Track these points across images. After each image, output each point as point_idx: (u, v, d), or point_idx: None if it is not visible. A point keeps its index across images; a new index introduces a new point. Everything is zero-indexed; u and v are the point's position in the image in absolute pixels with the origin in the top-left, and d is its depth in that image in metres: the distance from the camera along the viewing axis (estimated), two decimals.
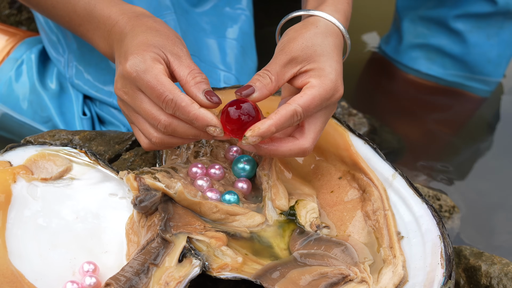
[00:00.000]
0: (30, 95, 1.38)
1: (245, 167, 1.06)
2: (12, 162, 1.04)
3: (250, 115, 0.94)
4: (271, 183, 1.04)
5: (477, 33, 1.60)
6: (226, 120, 0.94)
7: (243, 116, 0.94)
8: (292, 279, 0.93)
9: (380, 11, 1.96)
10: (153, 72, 0.95)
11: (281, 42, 1.00)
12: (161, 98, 0.94)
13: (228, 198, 1.02)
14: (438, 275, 0.93)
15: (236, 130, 0.94)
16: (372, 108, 1.70)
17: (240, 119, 0.93)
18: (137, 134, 1.02)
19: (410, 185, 1.02)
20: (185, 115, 0.94)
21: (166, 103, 0.94)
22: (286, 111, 0.93)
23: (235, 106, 0.94)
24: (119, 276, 0.91)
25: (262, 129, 0.92)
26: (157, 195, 0.98)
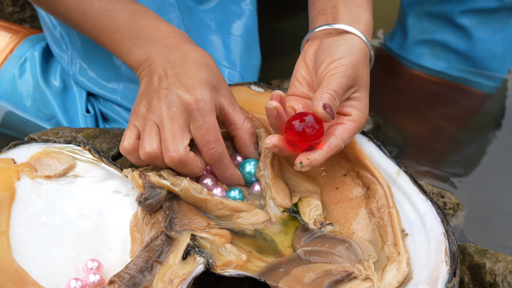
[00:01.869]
0: (34, 92, 1.38)
1: (251, 171, 1.06)
2: (16, 159, 1.04)
3: (314, 127, 0.96)
4: (269, 182, 1.04)
5: (482, 28, 1.59)
6: (291, 133, 0.97)
7: (308, 129, 0.96)
8: (296, 276, 0.93)
9: (385, 7, 1.95)
10: (213, 117, 1.00)
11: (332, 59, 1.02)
12: (208, 145, 1.00)
13: (233, 195, 1.03)
14: (443, 272, 0.93)
15: (300, 143, 0.97)
16: (377, 105, 1.69)
17: (305, 132, 0.96)
18: (128, 132, 1.03)
19: (414, 183, 1.02)
20: (222, 170, 1.03)
21: (211, 152, 1.00)
22: (335, 145, 0.98)
23: (299, 119, 0.97)
24: (123, 274, 0.91)
25: (319, 160, 0.96)
26: (163, 193, 0.98)
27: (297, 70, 1.09)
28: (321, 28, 1.08)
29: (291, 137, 0.97)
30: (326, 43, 1.06)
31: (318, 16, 1.11)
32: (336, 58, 1.02)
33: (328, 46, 1.05)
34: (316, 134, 0.96)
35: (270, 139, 0.98)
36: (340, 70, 1.01)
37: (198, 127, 1.00)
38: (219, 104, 1.02)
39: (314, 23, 1.12)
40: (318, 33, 1.09)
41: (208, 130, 1.00)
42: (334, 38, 1.06)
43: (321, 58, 1.04)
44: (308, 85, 1.07)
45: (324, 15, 1.11)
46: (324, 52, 1.04)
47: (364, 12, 1.10)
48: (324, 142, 0.98)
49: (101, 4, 1.11)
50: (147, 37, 1.07)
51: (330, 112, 0.96)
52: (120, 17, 1.10)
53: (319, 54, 1.05)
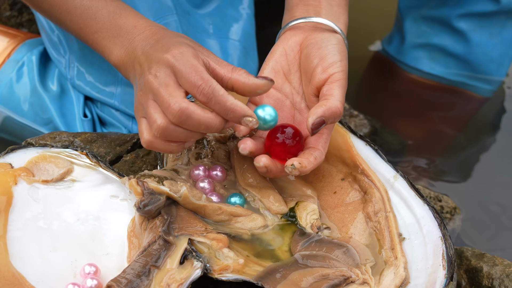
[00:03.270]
0: (31, 97, 1.38)
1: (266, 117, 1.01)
2: (13, 164, 1.04)
3: (294, 139, 0.99)
4: (257, 197, 1.04)
5: (479, 32, 1.60)
6: (271, 144, 1.00)
7: (287, 140, 0.99)
8: (293, 280, 0.93)
9: (382, 11, 1.95)
10: (194, 61, 0.96)
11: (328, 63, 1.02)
12: (197, 84, 0.95)
13: (234, 201, 1.03)
14: (440, 276, 0.93)
15: (281, 153, 1.00)
16: (374, 109, 1.69)
17: (285, 143, 0.99)
18: (141, 126, 1.01)
19: (411, 187, 1.02)
20: (221, 104, 0.95)
21: (202, 89, 0.95)
22: (320, 158, 1.00)
23: (280, 131, 0.99)
24: (120, 278, 0.91)
25: (308, 168, 0.97)
26: (162, 199, 0.97)
27: (275, 57, 1.07)
28: (310, 20, 1.07)
29: (272, 147, 1.00)
30: (315, 40, 1.05)
31: (298, 5, 1.10)
32: (332, 61, 1.02)
33: (319, 45, 1.04)
34: (296, 145, 0.99)
35: (261, 160, 0.98)
36: (336, 78, 1.00)
37: (182, 75, 0.96)
38: (202, 60, 0.98)
39: (293, 11, 1.10)
40: (302, 24, 1.08)
41: (190, 73, 0.95)
42: (323, 36, 1.05)
43: (313, 56, 1.03)
44: (285, 74, 1.06)
45: (306, 6, 1.10)
46: (316, 50, 1.03)
47: (343, 13, 1.10)
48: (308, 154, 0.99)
49: (83, 2, 1.11)
50: (125, 35, 1.07)
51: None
52: (101, 16, 1.10)
53: (309, 50, 1.04)
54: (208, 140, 1.09)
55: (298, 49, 1.06)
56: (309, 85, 1.03)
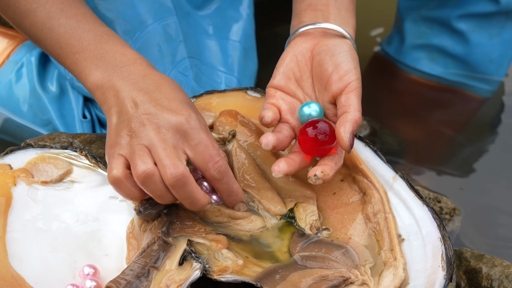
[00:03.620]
0: (30, 98, 1.38)
1: (311, 113, 1.03)
2: (12, 165, 1.04)
3: (326, 134, 0.99)
4: (256, 198, 1.04)
5: (479, 33, 1.60)
6: (305, 139, 0.99)
7: (320, 135, 0.98)
8: (292, 281, 0.93)
9: (382, 12, 1.95)
10: (209, 133, 0.96)
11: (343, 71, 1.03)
12: (213, 159, 0.95)
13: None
14: (439, 277, 0.93)
15: (314, 149, 0.99)
16: (373, 109, 1.69)
17: (317, 138, 0.99)
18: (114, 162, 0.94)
19: (410, 188, 1.02)
20: (229, 185, 0.97)
21: (219, 166, 0.95)
22: (340, 163, 1.01)
23: (312, 126, 0.99)
24: (120, 279, 0.91)
25: (330, 175, 0.98)
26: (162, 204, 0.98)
27: (285, 63, 1.07)
28: (319, 26, 1.07)
29: (305, 143, 0.99)
30: (327, 46, 1.05)
31: (306, 10, 1.10)
32: (347, 69, 1.02)
33: (332, 52, 1.04)
34: (329, 140, 0.98)
35: (278, 167, 0.98)
36: (353, 86, 1.01)
37: (196, 145, 0.94)
38: None
39: (302, 17, 1.10)
40: (311, 30, 1.08)
41: (207, 145, 0.94)
42: (335, 42, 1.05)
43: (327, 64, 1.04)
44: (296, 81, 1.06)
45: (314, 11, 1.10)
46: (330, 57, 1.04)
47: (351, 17, 1.10)
48: (334, 152, 1.00)
49: (69, 22, 1.06)
50: (111, 60, 1.02)
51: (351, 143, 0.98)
52: (86, 37, 1.05)
53: (322, 57, 1.05)
54: None
55: (310, 56, 1.06)
56: (325, 93, 1.04)
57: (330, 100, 1.03)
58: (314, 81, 1.06)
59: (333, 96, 1.02)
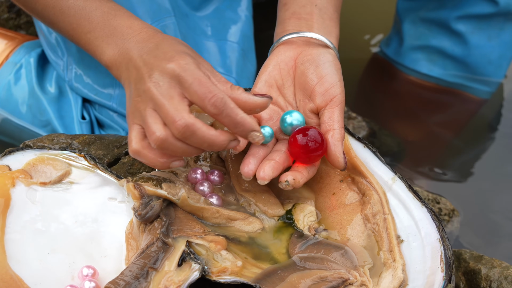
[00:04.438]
0: (29, 99, 1.38)
1: (293, 122, 1.03)
2: (11, 166, 1.04)
3: (317, 141, 0.99)
4: (253, 201, 1.04)
5: (478, 34, 1.60)
6: (294, 146, 0.99)
7: (310, 142, 0.99)
8: (291, 283, 0.93)
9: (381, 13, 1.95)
10: (200, 73, 0.95)
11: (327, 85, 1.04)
12: (208, 96, 0.93)
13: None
14: (438, 278, 0.93)
15: (304, 156, 1.00)
16: (372, 111, 1.69)
17: (308, 146, 0.99)
18: (132, 133, 0.99)
19: (409, 189, 1.02)
20: (232, 117, 0.94)
21: (214, 101, 0.93)
22: (313, 172, 1.02)
23: (302, 133, 0.99)
24: (118, 280, 0.91)
25: (301, 183, 0.99)
26: (157, 205, 0.97)
27: (268, 71, 1.07)
28: (303, 35, 1.08)
29: (295, 150, 0.99)
30: (311, 56, 1.06)
31: (290, 18, 1.11)
32: (332, 82, 1.03)
33: (316, 63, 1.05)
34: (318, 147, 0.99)
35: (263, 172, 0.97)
36: (337, 101, 1.02)
37: (190, 85, 0.94)
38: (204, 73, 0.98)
39: (286, 25, 1.11)
40: (294, 38, 1.08)
41: (200, 83, 0.94)
42: (318, 52, 1.06)
43: (311, 74, 1.04)
44: (278, 88, 1.07)
45: (298, 19, 1.10)
46: (314, 68, 1.05)
47: (335, 26, 1.11)
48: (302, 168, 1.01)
49: (77, 2, 1.09)
50: (120, 35, 1.05)
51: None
52: (95, 16, 1.08)
53: (306, 67, 1.05)
54: None
55: (293, 64, 1.07)
56: (308, 102, 1.05)
57: (313, 110, 1.04)
58: (296, 90, 1.07)
59: (317, 108, 1.03)
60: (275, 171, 0.98)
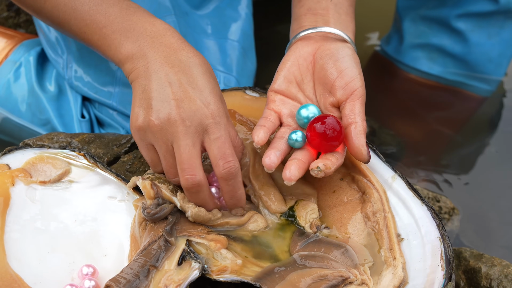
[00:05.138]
0: (29, 97, 1.38)
1: (309, 115, 1.04)
2: (10, 165, 1.04)
3: (335, 129, 0.99)
4: (258, 193, 1.04)
5: (478, 32, 1.60)
6: (314, 135, 1.00)
7: (328, 130, 0.99)
8: (291, 281, 0.93)
9: (380, 11, 1.95)
10: (231, 130, 0.99)
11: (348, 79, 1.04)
12: (226, 158, 0.97)
13: (295, 138, 1.01)
14: (438, 277, 0.93)
15: (322, 144, 1.00)
16: (372, 109, 1.69)
17: (326, 134, 0.99)
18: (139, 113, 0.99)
19: (409, 187, 1.02)
20: (234, 189, 0.99)
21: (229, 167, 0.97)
22: (341, 161, 1.02)
23: (320, 121, 0.99)
24: (119, 278, 0.91)
25: (332, 170, 0.99)
26: (167, 209, 0.97)
27: (287, 67, 1.07)
28: (320, 30, 1.07)
29: (313, 138, 0.99)
30: (330, 50, 1.06)
31: (306, 14, 1.10)
32: (352, 75, 1.03)
33: (335, 57, 1.05)
34: (337, 135, 0.99)
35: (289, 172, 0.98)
36: (358, 94, 1.03)
37: (215, 140, 0.96)
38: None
39: (302, 21, 1.11)
40: (312, 34, 1.09)
41: (224, 142, 0.96)
42: (337, 46, 1.06)
43: (331, 68, 1.04)
44: (298, 84, 1.07)
45: (314, 15, 1.10)
46: (334, 62, 1.04)
47: (351, 21, 1.11)
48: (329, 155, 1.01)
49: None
50: (141, 31, 1.02)
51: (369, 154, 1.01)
52: (112, 12, 1.05)
53: (325, 62, 1.05)
54: None
55: (311, 59, 1.07)
56: (329, 97, 1.04)
57: (334, 104, 1.04)
58: (315, 85, 1.06)
59: (338, 101, 1.03)
60: (301, 170, 0.98)
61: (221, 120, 0.97)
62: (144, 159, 1.17)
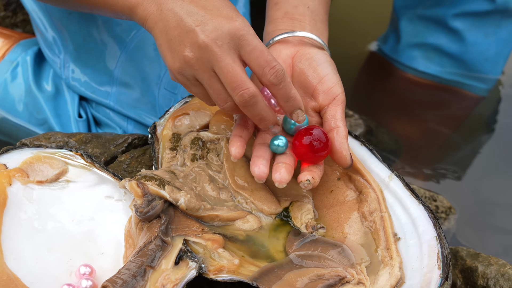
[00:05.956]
0: (26, 97, 1.38)
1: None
2: (7, 165, 1.04)
3: (321, 140, 0.99)
4: (250, 199, 1.04)
5: (475, 31, 1.60)
6: (300, 146, 1.00)
7: (315, 142, 0.99)
8: (288, 281, 0.93)
9: (377, 11, 1.95)
10: (260, 41, 0.95)
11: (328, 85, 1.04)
12: (270, 64, 0.94)
13: (277, 143, 1.01)
14: (435, 276, 0.93)
15: (309, 156, 1.00)
16: (369, 108, 1.70)
17: (313, 145, 0.99)
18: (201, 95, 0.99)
19: (406, 186, 1.02)
20: (287, 89, 0.96)
21: (276, 71, 0.94)
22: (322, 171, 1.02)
23: (307, 133, 1.00)
24: (116, 279, 0.91)
25: (317, 182, 0.99)
26: (159, 205, 0.97)
27: None
28: (300, 34, 1.08)
29: (300, 150, 1.00)
30: (310, 55, 1.06)
31: (283, 18, 1.11)
32: (334, 81, 1.04)
33: (316, 62, 1.05)
34: (323, 146, 0.99)
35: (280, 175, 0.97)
36: (340, 100, 1.03)
37: (251, 51, 0.94)
38: None
39: (278, 24, 1.11)
40: (289, 38, 1.09)
41: (262, 51, 0.94)
42: (315, 51, 1.07)
43: (312, 74, 1.05)
44: None
45: (291, 20, 1.10)
46: (315, 67, 1.05)
47: (325, 29, 1.12)
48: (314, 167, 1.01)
49: None
50: None
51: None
52: None
53: (305, 66, 1.06)
54: (204, 141, 1.09)
55: (290, 62, 1.07)
56: (310, 101, 1.05)
57: (315, 109, 1.05)
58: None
59: (320, 106, 1.04)
60: (290, 174, 0.99)
61: (249, 30, 0.94)
62: (141, 158, 1.17)
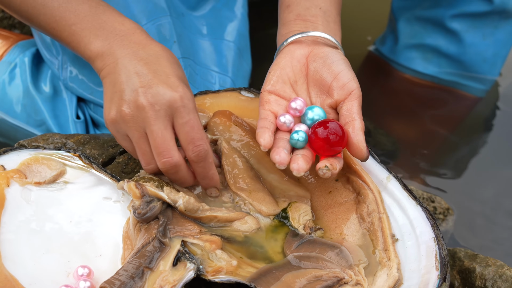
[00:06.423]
0: (24, 98, 1.37)
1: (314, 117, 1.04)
2: (5, 166, 1.04)
3: (338, 134, 0.99)
4: (247, 200, 1.04)
5: (473, 32, 1.60)
6: (316, 140, 1.00)
7: (331, 135, 0.99)
8: (286, 282, 0.93)
9: (375, 12, 1.95)
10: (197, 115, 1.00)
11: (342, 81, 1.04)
12: (195, 142, 0.99)
13: (297, 138, 1.01)
14: (433, 277, 0.93)
15: (325, 148, 1.00)
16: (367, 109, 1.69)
17: (329, 138, 0.99)
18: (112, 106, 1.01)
19: (404, 188, 1.02)
20: (205, 169, 1.01)
21: (199, 150, 0.99)
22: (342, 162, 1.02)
23: (322, 126, 0.99)
24: (114, 280, 0.91)
25: (338, 170, 0.99)
26: (158, 207, 0.97)
27: (280, 67, 1.08)
28: (313, 34, 1.08)
29: (317, 143, 0.99)
30: (324, 53, 1.06)
31: (296, 20, 1.11)
32: (349, 77, 1.04)
33: (330, 60, 1.06)
34: (339, 140, 0.99)
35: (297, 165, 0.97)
36: (356, 95, 1.03)
37: (183, 124, 0.99)
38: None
39: (291, 26, 1.11)
40: (303, 38, 1.09)
41: (193, 127, 0.99)
42: (329, 50, 1.07)
43: (326, 72, 1.05)
44: (291, 85, 1.07)
45: (304, 21, 1.11)
46: (329, 65, 1.05)
47: (338, 29, 1.12)
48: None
49: None
50: (111, 29, 1.05)
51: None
52: (82, 9, 1.07)
53: (319, 65, 1.06)
54: None
55: (305, 62, 1.07)
56: (326, 99, 1.05)
57: (332, 105, 1.05)
58: (310, 87, 1.07)
59: (336, 102, 1.04)
60: (308, 164, 0.99)
61: (189, 103, 0.99)
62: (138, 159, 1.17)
